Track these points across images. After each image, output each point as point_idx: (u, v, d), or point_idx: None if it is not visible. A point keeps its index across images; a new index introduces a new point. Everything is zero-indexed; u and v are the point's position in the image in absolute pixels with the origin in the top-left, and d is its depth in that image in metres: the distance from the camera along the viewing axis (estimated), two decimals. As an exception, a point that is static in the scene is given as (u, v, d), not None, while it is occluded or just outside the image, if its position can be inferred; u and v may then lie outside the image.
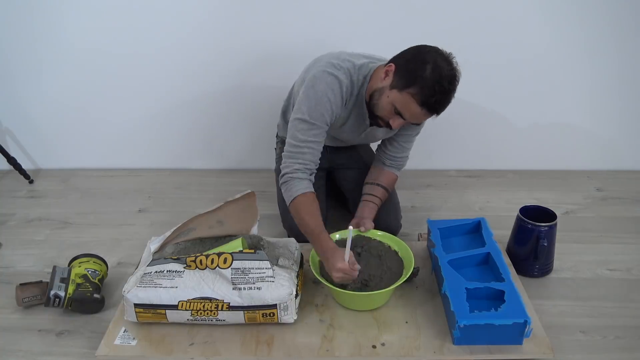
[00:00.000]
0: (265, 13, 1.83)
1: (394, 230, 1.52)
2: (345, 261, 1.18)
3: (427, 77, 1.15)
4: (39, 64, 1.96)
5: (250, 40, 1.89)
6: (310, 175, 1.32)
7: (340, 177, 1.70)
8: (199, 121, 2.08)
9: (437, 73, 1.15)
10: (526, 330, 1.10)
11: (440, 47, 1.21)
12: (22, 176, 2.06)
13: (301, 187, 1.28)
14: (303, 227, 1.28)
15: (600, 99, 1.97)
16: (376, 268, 1.29)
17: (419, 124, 1.31)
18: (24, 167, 2.06)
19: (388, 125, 1.29)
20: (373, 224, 1.41)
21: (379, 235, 1.38)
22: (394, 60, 1.25)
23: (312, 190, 1.30)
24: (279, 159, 1.66)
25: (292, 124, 1.31)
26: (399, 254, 1.32)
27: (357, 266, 1.22)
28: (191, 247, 1.33)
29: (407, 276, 1.21)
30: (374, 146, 1.80)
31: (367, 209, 1.44)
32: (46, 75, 1.99)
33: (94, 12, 1.85)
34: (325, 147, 1.64)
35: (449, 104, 1.21)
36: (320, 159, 1.58)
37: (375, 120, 1.32)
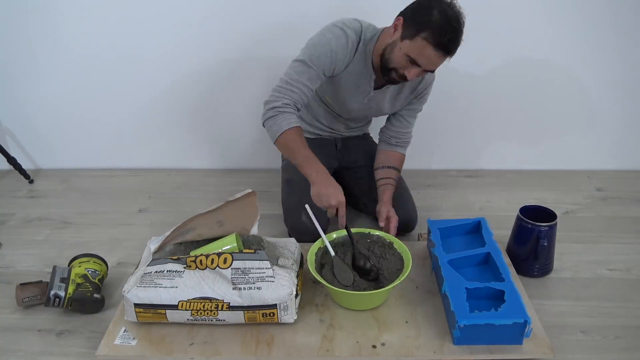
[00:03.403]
0: (264, 15, 1.83)
1: (413, 219, 1.59)
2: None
3: (436, 19, 1.21)
4: (39, 64, 1.97)
5: (251, 39, 1.89)
6: (298, 112, 1.36)
7: (351, 176, 1.71)
8: (199, 121, 2.08)
9: (445, 15, 1.21)
10: (526, 330, 1.10)
11: None
12: (22, 176, 2.06)
13: (291, 120, 1.32)
14: (292, 154, 1.33)
15: (601, 99, 1.97)
16: (382, 262, 1.32)
17: (433, 71, 1.35)
18: (24, 167, 2.06)
19: (403, 77, 1.32)
20: (391, 209, 1.46)
21: (377, 232, 1.38)
22: (400, 14, 1.30)
23: (299, 125, 1.33)
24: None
25: (291, 64, 1.36)
26: (398, 250, 1.32)
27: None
28: (190, 247, 1.33)
29: (406, 275, 1.21)
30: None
31: (387, 193, 1.51)
32: (46, 76, 1.99)
33: (93, 12, 1.85)
34: (334, 144, 1.66)
35: (460, 44, 1.26)
36: (329, 159, 1.64)
37: (389, 75, 1.35)
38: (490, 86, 1.96)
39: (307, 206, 1.31)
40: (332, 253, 1.29)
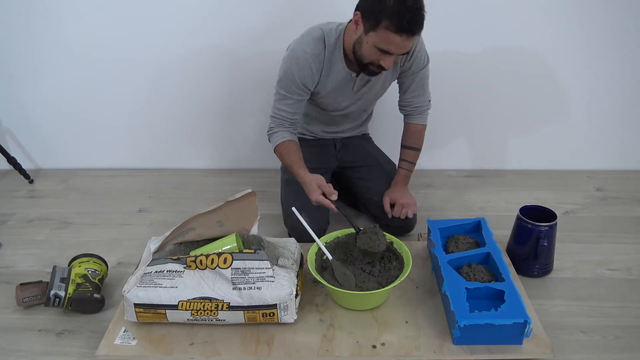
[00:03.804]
0: (264, 14, 1.83)
1: (413, 222, 1.61)
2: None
3: (391, 4, 1.20)
4: (39, 64, 1.97)
5: (251, 39, 1.89)
6: (289, 127, 1.51)
7: (351, 176, 1.72)
8: (199, 121, 2.08)
9: None
10: (526, 330, 1.10)
11: None
12: (22, 176, 2.06)
13: (279, 137, 1.49)
14: (287, 166, 1.50)
15: (601, 99, 1.97)
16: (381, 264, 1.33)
17: (407, 53, 1.36)
18: (24, 167, 2.06)
19: (381, 68, 1.34)
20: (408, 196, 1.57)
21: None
22: (357, 8, 1.30)
23: (290, 138, 1.50)
24: None
25: (274, 90, 1.50)
26: (397, 250, 1.32)
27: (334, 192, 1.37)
28: (190, 247, 1.33)
29: (406, 275, 1.21)
30: (378, 141, 1.81)
31: (400, 177, 1.62)
32: (46, 76, 1.99)
33: (93, 12, 1.85)
34: (334, 144, 1.67)
35: (423, 21, 1.24)
36: (329, 158, 1.71)
37: (368, 69, 1.38)
38: (490, 86, 1.96)
39: (293, 208, 1.33)
40: (330, 257, 1.29)
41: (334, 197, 1.37)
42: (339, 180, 1.75)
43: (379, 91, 1.56)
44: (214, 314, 1.16)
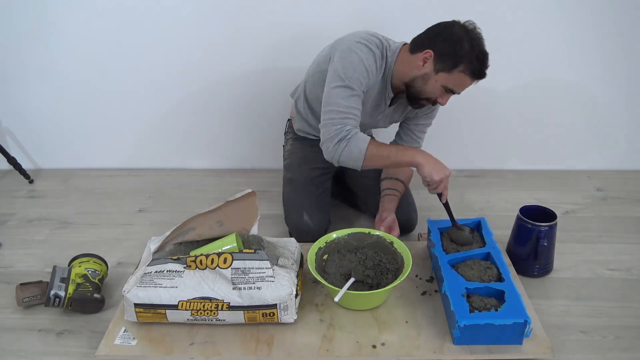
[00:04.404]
0: (264, 14, 1.83)
1: (414, 222, 1.62)
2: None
3: (470, 52, 1.25)
4: (39, 64, 1.96)
5: (251, 39, 1.89)
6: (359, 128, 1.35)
7: (352, 175, 1.71)
8: (199, 121, 2.08)
9: (476, 44, 1.26)
10: (526, 330, 1.10)
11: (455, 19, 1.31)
12: (22, 176, 2.06)
13: (364, 137, 1.30)
14: (390, 158, 1.31)
15: (601, 99, 1.97)
16: (380, 263, 1.33)
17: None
18: (24, 167, 2.06)
19: (436, 103, 1.39)
20: (395, 217, 1.48)
21: (378, 232, 1.38)
22: (423, 44, 1.31)
23: (371, 135, 1.41)
24: (288, 155, 1.68)
25: (332, 91, 1.31)
26: (397, 250, 1.32)
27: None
28: (190, 247, 1.33)
29: (406, 275, 1.21)
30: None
31: (392, 203, 1.52)
32: (46, 76, 1.99)
33: (94, 12, 1.85)
34: None
35: None
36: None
37: (419, 102, 1.39)
38: (490, 86, 1.95)
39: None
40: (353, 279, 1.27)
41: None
42: (341, 179, 1.74)
43: (396, 119, 1.57)
44: (214, 314, 1.16)
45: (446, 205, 1.39)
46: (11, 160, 2.03)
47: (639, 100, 1.96)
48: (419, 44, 1.33)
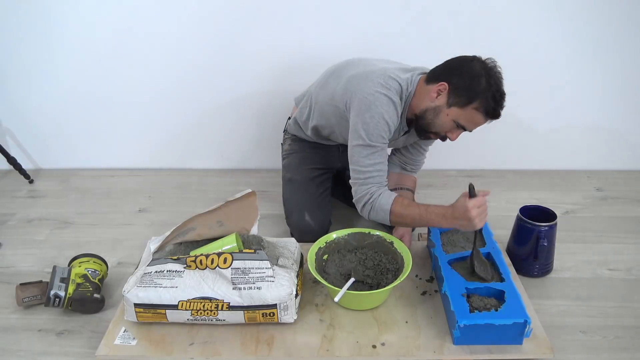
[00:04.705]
0: (265, 11, 1.83)
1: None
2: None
3: (486, 89, 1.22)
4: (39, 64, 1.96)
5: (251, 40, 1.89)
6: (387, 184, 1.35)
7: None
8: (199, 121, 2.08)
9: (493, 82, 1.22)
10: (526, 330, 1.10)
11: (477, 55, 1.26)
12: (22, 176, 2.06)
13: (387, 199, 1.29)
14: (414, 223, 1.30)
15: (601, 99, 1.97)
16: (380, 264, 1.33)
17: None
18: (24, 167, 2.06)
19: (444, 138, 1.35)
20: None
21: (377, 232, 1.38)
22: (440, 76, 1.28)
23: (395, 194, 1.32)
24: (287, 155, 1.68)
25: (355, 150, 1.32)
26: (397, 250, 1.32)
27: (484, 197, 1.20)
28: (190, 247, 1.33)
29: (406, 275, 1.21)
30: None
31: None
32: (46, 76, 1.99)
33: (94, 12, 1.85)
34: (337, 147, 1.66)
35: None
36: (331, 159, 1.66)
37: (426, 135, 1.36)
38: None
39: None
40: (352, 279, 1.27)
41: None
42: (342, 180, 1.74)
43: (410, 142, 1.54)
44: (214, 314, 1.16)
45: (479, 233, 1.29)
46: (11, 160, 2.03)
47: (639, 100, 1.96)
48: (436, 75, 1.30)
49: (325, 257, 1.35)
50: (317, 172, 1.63)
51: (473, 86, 1.23)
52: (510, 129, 2.05)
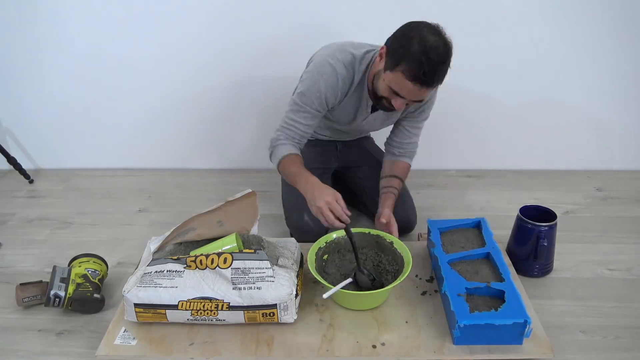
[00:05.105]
0: (264, 11, 1.83)
1: (412, 223, 1.61)
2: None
3: (414, 51, 1.16)
4: (40, 64, 1.97)
5: (251, 39, 1.89)
6: (297, 142, 1.42)
7: (352, 176, 1.72)
8: (199, 121, 2.08)
9: (423, 45, 1.15)
10: (526, 330, 1.10)
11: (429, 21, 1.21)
12: (22, 176, 2.06)
13: (286, 149, 1.39)
14: (290, 178, 1.38)
15: (601, 99, 1.97)
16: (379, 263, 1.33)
17: (420, 101, 1.31)
18: (24, 167, 2.06)
19: (392, 106, 1.30)
20: (391, 212, 1.44)
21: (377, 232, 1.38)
22: (386, 41, 1.27)
23: (297, 152, 1.40)
24: None
25: (290, 101, 1.42)
26: (397, 250, 1.32)
27: (348, 212, 1.24)
28: (190, 247, 1.33)
29: (406, 275, 1.21)
30: (379, 141, 1.81)
31: (389, 201, 1.48)
32: (46, 76, 1.99)
33: (94, 12, 1.85)
34: (335, 145, 1.67)
35: (444, 75, 1.20)
36: (330, 158, 1.67)
37: (380, 102, 1.35)
38: (490, 86, 1.96)
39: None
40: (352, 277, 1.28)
41: (344, 222, 1.24)
42: (340, 179, 1.75)
43: (386, 121, 1.55)
44: (214, 314, 1.16)
45: (347, 231, 1.27)
46: (11, 160, 2.03)
47: (639, 100, 1.96)
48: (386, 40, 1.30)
49: (325, 257, 1.35)
50: (316, 172, 1.62)
51: (403, 47, 1.17)
52: (511, 129, 2.05)
